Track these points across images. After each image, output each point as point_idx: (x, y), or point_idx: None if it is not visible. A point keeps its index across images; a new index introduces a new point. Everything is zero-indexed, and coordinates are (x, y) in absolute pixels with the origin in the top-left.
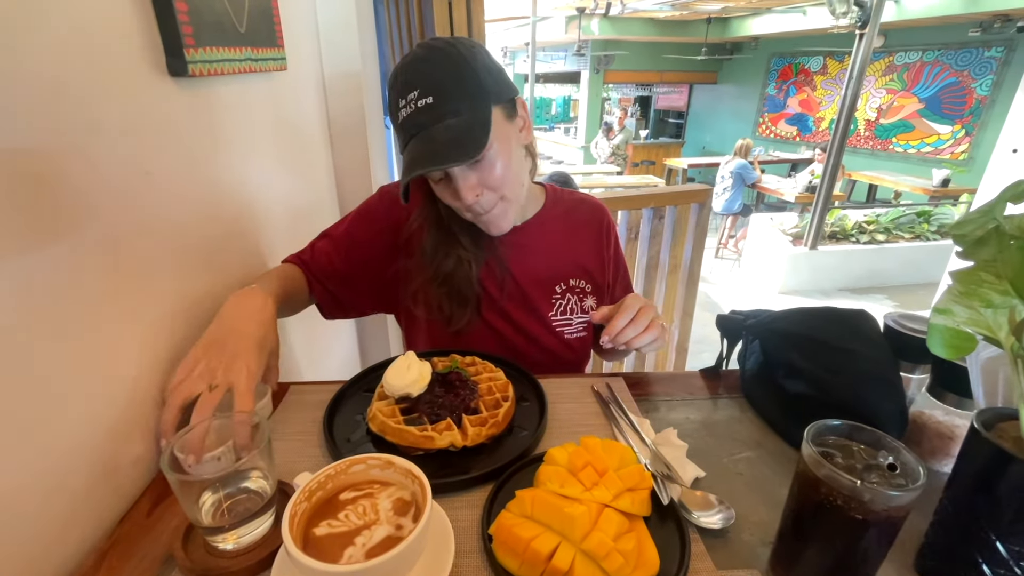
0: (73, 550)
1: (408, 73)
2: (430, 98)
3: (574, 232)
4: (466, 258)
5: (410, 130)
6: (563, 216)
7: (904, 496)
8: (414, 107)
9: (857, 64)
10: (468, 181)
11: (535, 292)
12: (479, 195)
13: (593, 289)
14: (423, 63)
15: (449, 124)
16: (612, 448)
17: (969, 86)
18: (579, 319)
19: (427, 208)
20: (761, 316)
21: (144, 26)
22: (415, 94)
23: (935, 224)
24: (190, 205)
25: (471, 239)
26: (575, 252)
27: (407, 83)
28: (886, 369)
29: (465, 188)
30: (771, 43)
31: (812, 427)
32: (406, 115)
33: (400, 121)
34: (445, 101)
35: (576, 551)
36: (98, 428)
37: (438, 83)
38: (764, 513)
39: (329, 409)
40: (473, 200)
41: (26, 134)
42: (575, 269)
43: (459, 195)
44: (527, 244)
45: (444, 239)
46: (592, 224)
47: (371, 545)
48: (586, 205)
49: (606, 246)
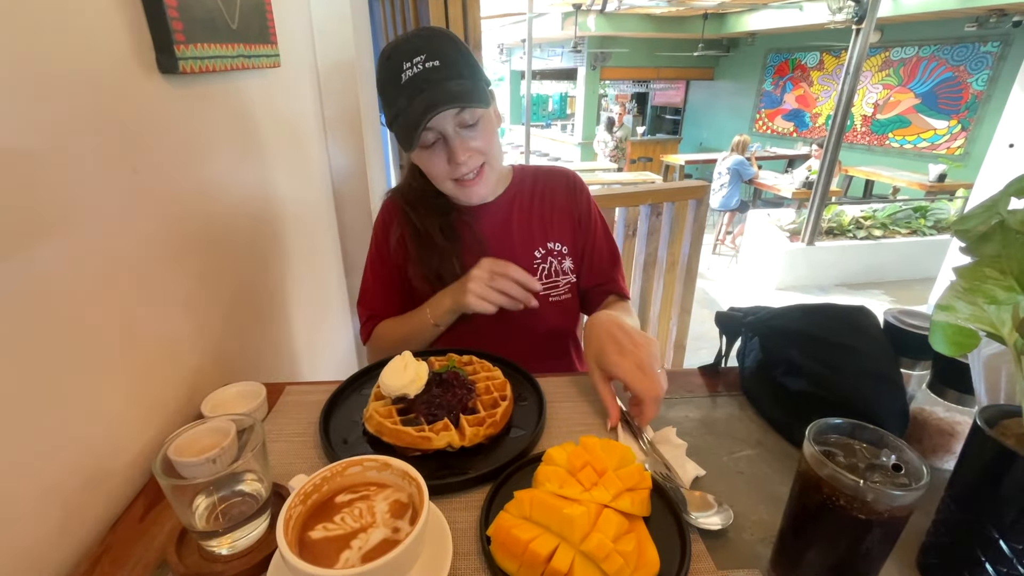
0: (66, 555)
1: (413, 42)
2: (437, 62)
3: (543, 199)
4: (448, 251)
5: (419, 85)
6: (531, 187)
7: (908, 496)
8: (422, 67)
9: (854, 59)
10: (465, 142)
11: (517, 257)
12: (470, 156)
13: (570, 250)
14: (427, 38)
15: (458, 82)
16: (611, 448)
17: (965, 81)
18: (564, 280)
19: (404, 221)
20: (760, 313)
21: (133, 22)
22: (422, 58)
23: (932, 219)
24: (182, 204)
25: (444, 234)
26: (548, 218)
27: (414, 48)
28: (887, 366)
29: (461, 148)
30: (768, 39)
31: (814, 426)
32: (413, 74)
33: (405, 81)
34: (451, 66)
35: (575, 552)
36: (90, 432)
37: (444, 53)
38: (765, 512)
39: (325, 410)
40: (465, 158)
41: (10, 132)
42: (550, 233)
43: (453, 154)
44: (501, 218)
45: (425, 242)
46: (559, 188)
47: (367, 548)
48: (552, 172)
49: (575, 205)
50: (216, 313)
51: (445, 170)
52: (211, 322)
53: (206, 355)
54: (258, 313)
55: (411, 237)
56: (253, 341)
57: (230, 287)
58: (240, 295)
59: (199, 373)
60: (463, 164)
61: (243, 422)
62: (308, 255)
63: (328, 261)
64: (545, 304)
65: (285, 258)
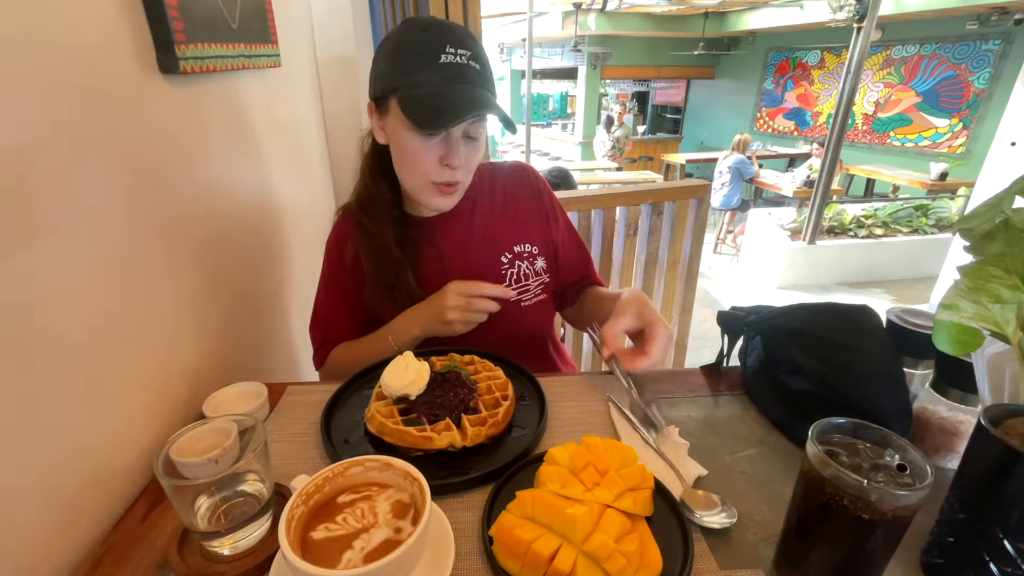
0: (68, 556)
1: (458, 33)
2: (479, 65)
3: (506, 200)
4: (403, 263)
5: (458, 76)
6: (490, 189)
7: (912, 496)
8: (464, 60)
9: (855, 58)
10: (467, 150)
11: (481, 267)
12: (462, 165)
13: (541, 249)
14: (472, 39)
15: (488, 94)
16: (614, 447)
17: (967, 79)
18: (536, 281)
19: (360, 236)
20: (762, 312)
21: (133, 22)
22: (467, 53)
23: (933, 218)
24: (182, 205)
25: (400, 246)
26: (513, 219)
27: (460, 41)
28: (890, 365)
29: (459, 154)
30: (768, 38)
31: (817, 425)
32: (454, 62)
33: (443, 63)
34: (486, 77)
35: (578, 553)
36: (91, 432)
37: (484, 61)
38: (767, 512)
39: (327, 410)
40: (459, 164)
41: (8, 132)
42: (516, 235)
43: (450, 157)
44: (462, 227)
45: (379, 255)
46: (522, 186)
47: (369, 549)
48: (508, 169)
49: (540, 203)
50: (217, 313)
51: (432, 168)
52: (212, 322)
53: (207, 355)
54: (259, 313)
55: (366, 249)
56: (254, 341)
57: (231, 287)
58: (241, 295)
59: (200, 373)
60: (455, 170)
61: (245, 422)
62: (309, 254)
63: None
64: (518, 309)
65: (286, 257)
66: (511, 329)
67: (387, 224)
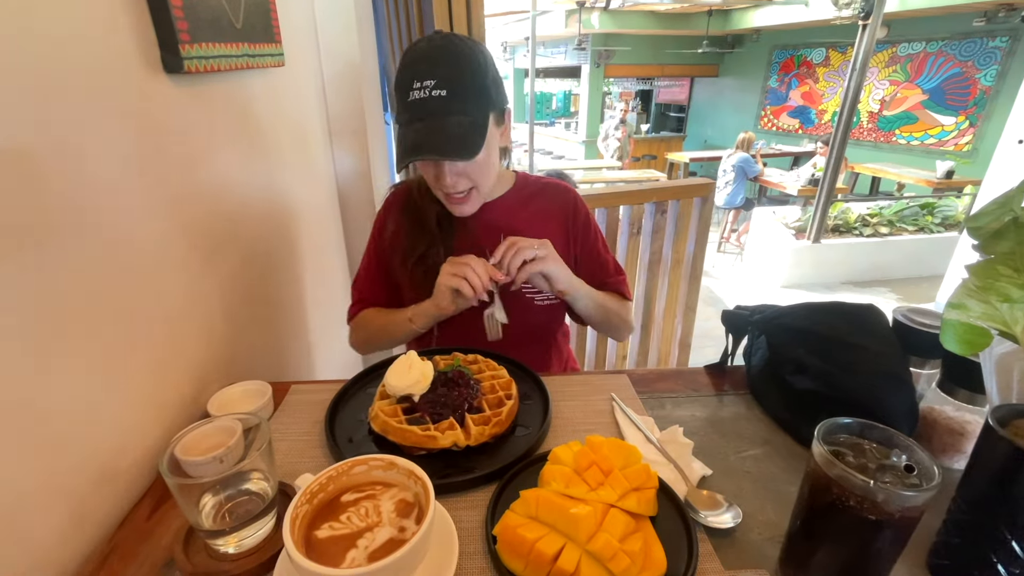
0: (74, 554)
1: (430, 61)
2: (444, 92)
3: (539, 211)
4: (437, 239)
5: (419, 113)
6: (529, 198)
7: (919, 497)
8: (428, 94)
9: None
10: (454, 169)
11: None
12: (456, 181)
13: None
14: (446, 56)
15: (458, 121)
16: (618, 447)
17: (973, 77)
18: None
19: (402, 210)
20: (767, 311)
21: (138, 22)
22: (432, 83)
23: (939, 216)
24: (187, 205)
25: (439, 225)
26: (540, 228)
27: (427, 71)
28: (896, 365)
29: (449, 175)
30: (773, 35)
31: (823, 425)
32: (418, 98)
33: (410, 100)
34: (457, 99)
35: (582, 552)
36: (97, 430)
37: (455, 81)
38: (772, 512)
39: (331, 409)
40: (451, 182)
41: (15, 133)
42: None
43: (441, 180)
44: (494, 220)
45: (418, 230)
46: (556, 202)
47: (373, 548)
48: (552, 187)
49: (573, 220)
50: (222, 312)
51: (435, 185)
52: (217, 321)
53: (212, 354)
54: (263, 312)
55: (408, 224)
56: (258, 340)
57: (235, 286)
58: (246, 294)
59: (205, 372)
60: (450, 187)
61: (249, 421)
62: (313, 254)
63: (332, 260)
64: (531, 305)
65: (290, 257)
66: (522, 323)
67: (434, 202)
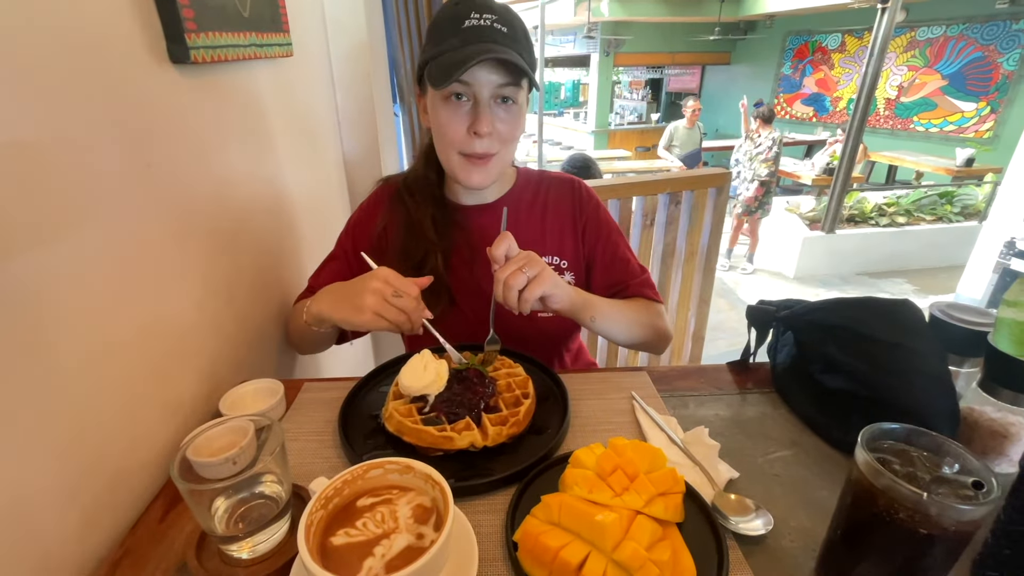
0: (86, 557)
1: (489, 2)
2: (505, 28)
3: (545, 209)
4: (433, 248)
5: (481, 36)
6: (532, 197)
7: (977, 511)
8: (490, 23)
9: (878, 40)
10: (496, 114)
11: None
12: (491, 133)
13: (571, 264)
14: (504, 5)
15: (517, 55)
16: (642, 450)
17: (995, 61)
18: None
19: (394, 208)
20: (794, 307)
21: (143, 11)
22: (493, 17)
23: (958, 205)
24: (196, 198)
25: (436, 230)
26: (546, 230)
27: (485, 5)
28: (935, 363)
29: (487, 119)
30: (787, 21)
31: (866, 431)
32: (478, 25)
33: (467, 27)
34: (516, 39)
35: (608, 561)
36: (109, 431)
37: (515, 24)
38: (805, 518)
39: (344, 408)
40: (487, 130)
41: (20, 126)
42: (547, 246)
43: (479, 122)
44: (494, 220)
45: (411, 233)
46: (561, 198)
47: (391, 556)
48: (557, 181)
49: (579, 214)
50: (233, 309)
51: (461, 136)
52: (228, 318)
53: (223, 352)
54: (274, 308)
55: (400, 226)
56: (269, 336)
57: (244, 280)
58: (254, 288)
59: (216, 370)
60: (483, 137)
61: (261, 422)
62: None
63: None
64: (534, 317)
65: (300, 252)
66: (525, 336)
67: (428, 204)
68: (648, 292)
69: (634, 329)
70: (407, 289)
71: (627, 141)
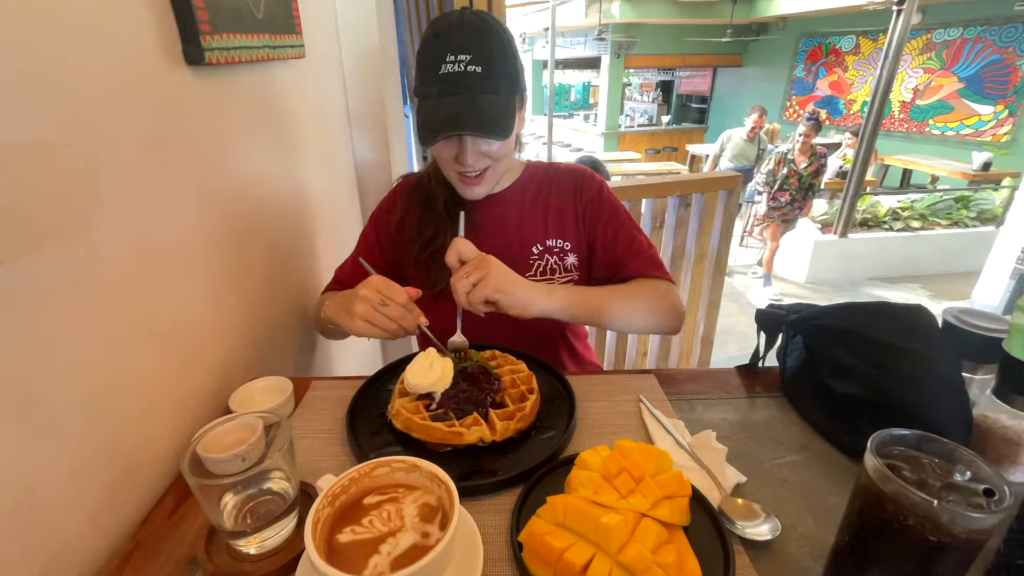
0: (98, 550)
1: (464, 36)
2: (480, 68)
3: (550, 197)
4: (444, 226)
5: (453, 87)
6: (538, 186)
7: (989, 519)
8: (463, 68)
9: (894, 43)
10: (477, 149)
11: (512, 252)
12: (478, 159)
13: (574, 246)
14: (478, 33)
15: (491, 99)
16: (648, 452)
17: (1014, 63)
18: (564, 279)
19: (411, 200)
20: (804, 311)
21: (159, 13)
22: (467, 57)
23: (975, 210)
24: (210, 198)
25: (448, 212)
26: (550, 215)
27: (462, 45)
28: (948, 369)
29: (471, 155)
30: (800, 23)
31: (876, 436)
32: (452, 71)
33: (442, 73)
34: (492, 77)
35: (612, 563)
36: (121, 426)
37: (490, 57)
38: (813, 523)
39: (351, 406)
40: (472, 162)
41: (36, 125)
42: (551, 230)
43: (463, 158)
44: (501, 211)
45: (427, 215)
46: (567, 184)
47: (397, 554)
48: (564, 170)
49: (579, 196)
50: (244, 306)
51: (451, 163)
52: (239, 315)
53: (234, 349)
54: (285, 306)
55: (418, 208)
56: (279, 334)
57: (256, 279)
58: (267, 288)
59: (227, 367)
60: (470, 166)
61: (270, 419)
62: (335, 248)
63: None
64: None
65: (312, 251)
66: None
67: (444, 187)
68: (652, 271)
69: (644, 317)
70: (395, 297)
71: (637, 143)
